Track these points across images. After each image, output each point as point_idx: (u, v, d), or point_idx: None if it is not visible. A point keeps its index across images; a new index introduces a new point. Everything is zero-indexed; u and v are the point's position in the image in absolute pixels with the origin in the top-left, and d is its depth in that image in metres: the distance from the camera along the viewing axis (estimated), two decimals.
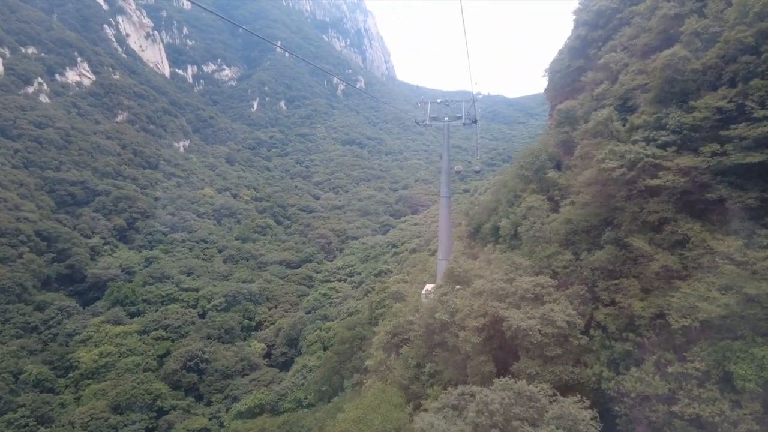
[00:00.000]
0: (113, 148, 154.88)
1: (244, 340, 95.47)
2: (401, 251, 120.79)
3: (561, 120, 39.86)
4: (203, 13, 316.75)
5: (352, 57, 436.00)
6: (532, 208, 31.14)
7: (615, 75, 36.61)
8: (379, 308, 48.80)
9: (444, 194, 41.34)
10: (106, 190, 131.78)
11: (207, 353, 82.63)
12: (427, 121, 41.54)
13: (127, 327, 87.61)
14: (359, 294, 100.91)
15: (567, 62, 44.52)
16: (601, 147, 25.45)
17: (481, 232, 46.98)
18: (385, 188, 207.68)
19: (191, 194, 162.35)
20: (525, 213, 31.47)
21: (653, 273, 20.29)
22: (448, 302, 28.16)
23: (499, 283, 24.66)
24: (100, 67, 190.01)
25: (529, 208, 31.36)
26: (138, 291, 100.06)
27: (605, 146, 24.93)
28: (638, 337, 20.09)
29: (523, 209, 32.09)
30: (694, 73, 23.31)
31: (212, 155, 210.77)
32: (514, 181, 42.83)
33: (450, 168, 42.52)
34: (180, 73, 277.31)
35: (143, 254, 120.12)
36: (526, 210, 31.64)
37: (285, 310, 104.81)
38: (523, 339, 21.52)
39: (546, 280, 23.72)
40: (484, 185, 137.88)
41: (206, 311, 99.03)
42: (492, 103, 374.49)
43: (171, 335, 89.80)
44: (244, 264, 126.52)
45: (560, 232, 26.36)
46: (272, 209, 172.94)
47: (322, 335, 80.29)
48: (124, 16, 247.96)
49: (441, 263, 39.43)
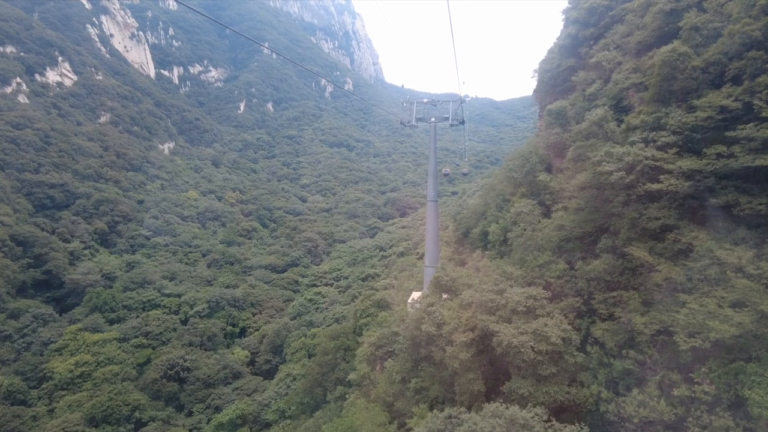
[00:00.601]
0: (95, 150, 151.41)
1: (228, 347, 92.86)
2: (389, 255, 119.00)
3: (551, 121, 38.44)
4: (189, 14, 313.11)
5: (340, 59, 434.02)
6: (522, 213, 29.56)
7: (608, 74, 35.24)
8: (363, 317, 47.01)
9: (431, 198, 39.62)
10: (87, 193, 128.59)
11: (189, 361, 79.92)
12: (413, 122, 39.83)
13: (105, 335, 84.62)
14: (346, 299, 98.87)
15: (557, 61, 43.15)
16: (596, 149, 23.94)
17: (469, 237, 45.48)
18: (373, 191, 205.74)
19: (175, 197, 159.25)
20: (515, 218, 29.90)
21: (655, 285, 18.73)
22: (434, 313, 26.45)
23: (488, 294, 23.02)
24: (82, 67, 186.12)
25: (519, 214, 29.78)
26: (118, 297, 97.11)
27: (600, 148, 23.43)
28: (639, 355, 18.52)
29: (513, 214, 30.52)
30: (695, 70, 21.86)
31: (198, 157, 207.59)
32: (503, 185, 41.36)
33: (437, 171, 40.89)
34: (166, 75, 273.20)
35: (125, 259, 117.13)
36: (515, 215, 30.07)
37: (270, 316, 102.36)
38: (515, 356, 19.86)
39: (539, 292, 22.10)
40: (472, 188, 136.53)
41: (188, 317, 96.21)
42: (480, 106, 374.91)
43: (152, 343, 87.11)
44: (228, 268, 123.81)
45: (553, 240, 24.79)
46: (258, 212, 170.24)
47: (306, 342, 78.13)
48: (108, 15, 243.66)
49: (428, 270, 37.79)
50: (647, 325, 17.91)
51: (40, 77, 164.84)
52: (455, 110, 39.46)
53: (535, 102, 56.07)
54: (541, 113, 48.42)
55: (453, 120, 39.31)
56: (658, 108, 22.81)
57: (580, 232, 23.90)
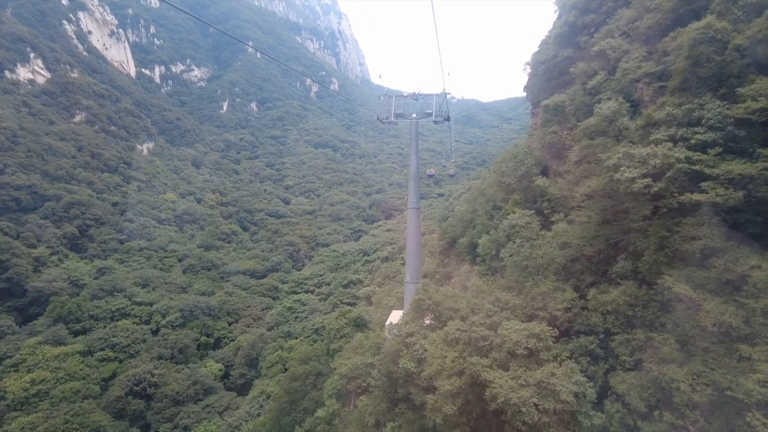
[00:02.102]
0: (68, 150, 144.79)
1: (201, 359, 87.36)
2: (373, 259, 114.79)
3: (548, 118, 34.10)
4: (172, 12, 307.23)
5: (325, 59, 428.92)
6: (517, 226, 24.99)
7: (613, 64, 30.96)
8: (337, 338, 42.32)
9: (412, 204, 34.88)
10: (56, 195, 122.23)
11: (156, 376, 74.26)
12: (391, 118, 35.12)
13: (68, 348, 78.55)
14: (327, 307, 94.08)
15: (553, 52, 38.85)
16: (608, 149, 19.57)
17: (456, 248, 41.03)
18: (358, 192, 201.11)
19: (153, 199, 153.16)
20: (509, 232, 25.35)
21: (698, 327, 14.30)
22: (414, 346, 21.92)
23: (479, 329, 18.47)
24: (56, 64, 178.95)
25: (513, 227, 25.22)
26: (84, 306, 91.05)
27: (613, 148, 19.06)
28: (678, 419, 14.05)
29: (507, 227, 25.93)
30: (736, 51, 17.51)
31: (178, 158, 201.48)
32: (492, 189, 36.90)
33: (419, 173, 36.18)
34: (147, 73, 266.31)
35: (95, 264, 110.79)
36: (509, 228, 25.51)
37: (247, 325, 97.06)
38: (514, 417, 15.29)
39: (542, 329, 17.46)
40: (458, 189, 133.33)
41: (160, 327, 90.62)
42: (466, 107, 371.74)
43: (119, 355, 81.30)
44: (204, 274, 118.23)
45: (556, 260, 20.28)
46: (239, 215, 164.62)
47: (283, 355, 73.00)
48: (86, 12, 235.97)
49: (408, 287, 33.15)
50: (693, 387, 13.41)
51: (10, 74, 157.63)
52: (439, 105, 34.84)
53: (527, 100, 51.84)
54: (534, 110, 44.08)
55: (437, 116, 34.69)
56: (687, 98, 18.46)
57: (591, 251, 19.46)
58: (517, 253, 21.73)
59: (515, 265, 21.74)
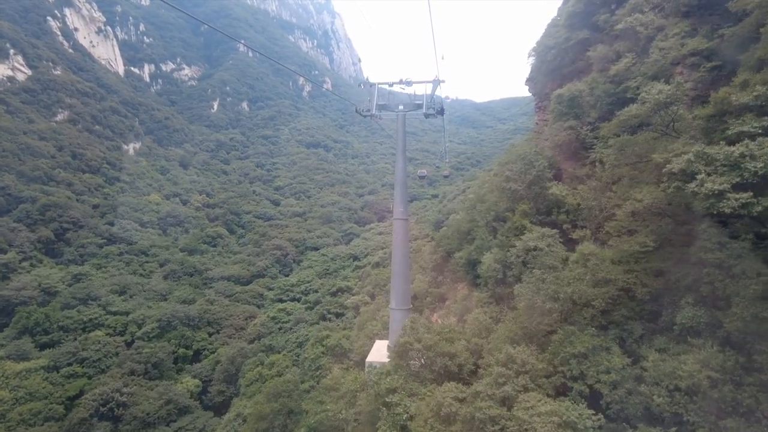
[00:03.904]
0: (47, 149, 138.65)
1: (178, 373, 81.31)
2: (363, 265, 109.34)
3: (561, 111, 28.36)
4: (162, 10, 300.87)
5: (318, 58, 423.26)
6: (535, 250, 19.28)
7: (644, 44, 25.40)
8: (312, 368, 36.65)
9: (398, 214, 28.89)
10: (32, 197, 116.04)
11: (126, 395, 68.23)
12: (372, 111, 29.22)
13: (31, 363, 72.35)
14: (313, 317, 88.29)
15: (565, 34, 33.22)
16: (657, 147, 14.08)
17: (451, 263, 35.41)
18: (350, 193, 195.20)
19: (135, 201, 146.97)
20: (524, 256, 19.67)
21: None
22: (397, 408, 16.37)
23: (485, 404, 12.86)
24: (37, 61, 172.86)
25: (529, 250, 19.52)
26: (54, 316, 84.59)
27: (669, 146, 13.55)
28: None
29: (521, 250, 20.20)
30: None
31: (165, 158, 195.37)
32: (494, 196, 31.11)
33: (405, 180, 30.25)
34: (136, 72, 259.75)
35: (70, 270, 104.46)
36: (524, 251, 19.81)
37: (228, 336, 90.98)
38: None
39: (581, 413, 11.84)
40: (453, 191, 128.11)
41: (135, 339, 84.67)
42: (460, 107, 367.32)
43: (87, 371, 75.08)
44: (186, 280, 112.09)
45: (594, 301, 14.64)
46: (225, 217, 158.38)
47: (263, 372, 66.86)
48: (72, 8, 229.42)
49: (394, 314, 27.41)
50: None
51: None
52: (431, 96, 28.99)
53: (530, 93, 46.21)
54: (540, 104, 38.31)
55: (428, 108, 28.78)
56: None
57: (644, 291, 13.82)
58: (538, 291, 15.99)
59: (534, 306, 16.03)
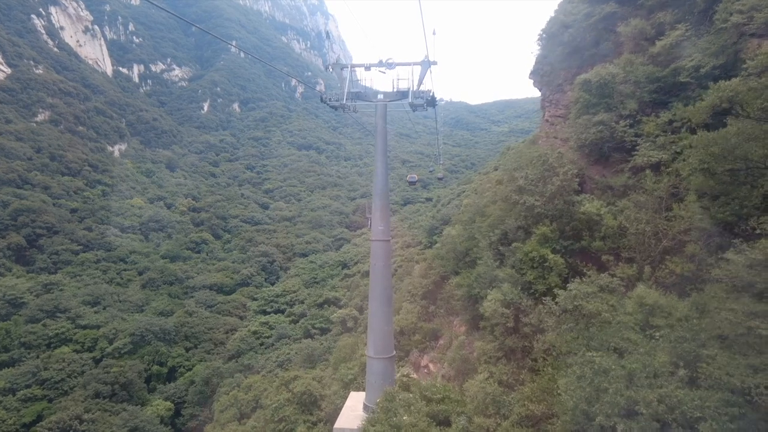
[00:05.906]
0: (24, 151, 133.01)
1: (150, 394, 75.35)
2: (353, 273, 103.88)
3: (589, 101, 22.61)
4: (152, 10, 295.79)
5: (312, 59, 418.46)
6: (580, 306, 13.51)
7: (701, 12, 20.10)
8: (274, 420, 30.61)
9: (378, 235, 22.36)
10: (4, 201, 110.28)
11: (86, 422, 62.29)
12: (343, 101, 22.88)
13: None
14: (297, 332, 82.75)
15: (585, 9, 27.42)
16: None
17: (445, 289, 29.68)
18: (342, 197, 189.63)
19: (117, 204, 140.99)
20: (565, 304, 13.97)
21: None
22: None
23: None
24: (18, 59, 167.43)
25: (575, 300, 13.77)
26: (16, 331, 78.54)
27: None
28: None
29: (567, 299, 14.27)
30: None
31: (152, 160, 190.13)
32: (499, 210, 25.11)
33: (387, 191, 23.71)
34: (125, 72, 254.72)
35: (41, 280, 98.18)
36: (570, 299, 14.03)
37: (207, 351, 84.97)
38: None
39: None
40: (447, 195, 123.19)
41: (104, 356, 78.73)
42: (454, 110, 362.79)
43: (48, 393, 68.87)
44: (165, 290, 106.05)
45: None
46: (211, 221, 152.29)
47: (239, 397, 60.93)
48: (58, 7, 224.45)
49: (372, 364, 21.33)
50: None
51: None
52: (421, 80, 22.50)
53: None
54: (549, 98, 32.34)
55: (415, 98, 22.27)
56: None
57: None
58: (590, 401, 9.60)
59: (581, 396, 9.88)
